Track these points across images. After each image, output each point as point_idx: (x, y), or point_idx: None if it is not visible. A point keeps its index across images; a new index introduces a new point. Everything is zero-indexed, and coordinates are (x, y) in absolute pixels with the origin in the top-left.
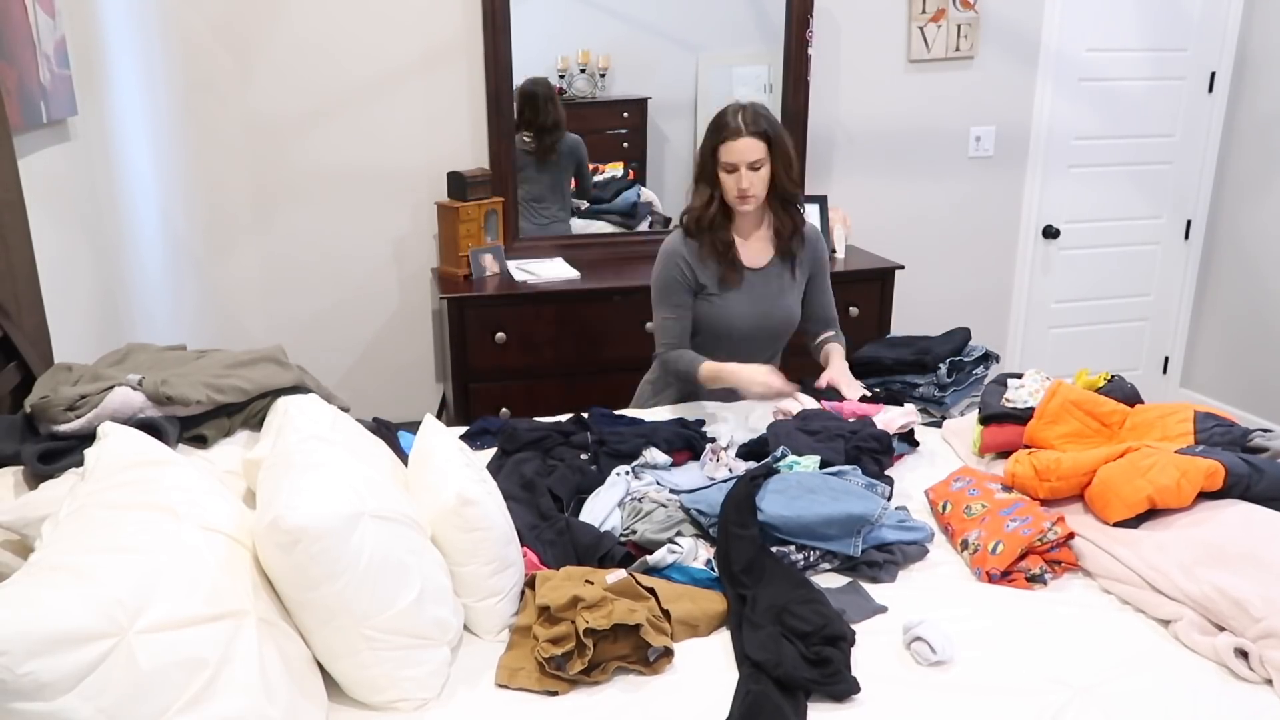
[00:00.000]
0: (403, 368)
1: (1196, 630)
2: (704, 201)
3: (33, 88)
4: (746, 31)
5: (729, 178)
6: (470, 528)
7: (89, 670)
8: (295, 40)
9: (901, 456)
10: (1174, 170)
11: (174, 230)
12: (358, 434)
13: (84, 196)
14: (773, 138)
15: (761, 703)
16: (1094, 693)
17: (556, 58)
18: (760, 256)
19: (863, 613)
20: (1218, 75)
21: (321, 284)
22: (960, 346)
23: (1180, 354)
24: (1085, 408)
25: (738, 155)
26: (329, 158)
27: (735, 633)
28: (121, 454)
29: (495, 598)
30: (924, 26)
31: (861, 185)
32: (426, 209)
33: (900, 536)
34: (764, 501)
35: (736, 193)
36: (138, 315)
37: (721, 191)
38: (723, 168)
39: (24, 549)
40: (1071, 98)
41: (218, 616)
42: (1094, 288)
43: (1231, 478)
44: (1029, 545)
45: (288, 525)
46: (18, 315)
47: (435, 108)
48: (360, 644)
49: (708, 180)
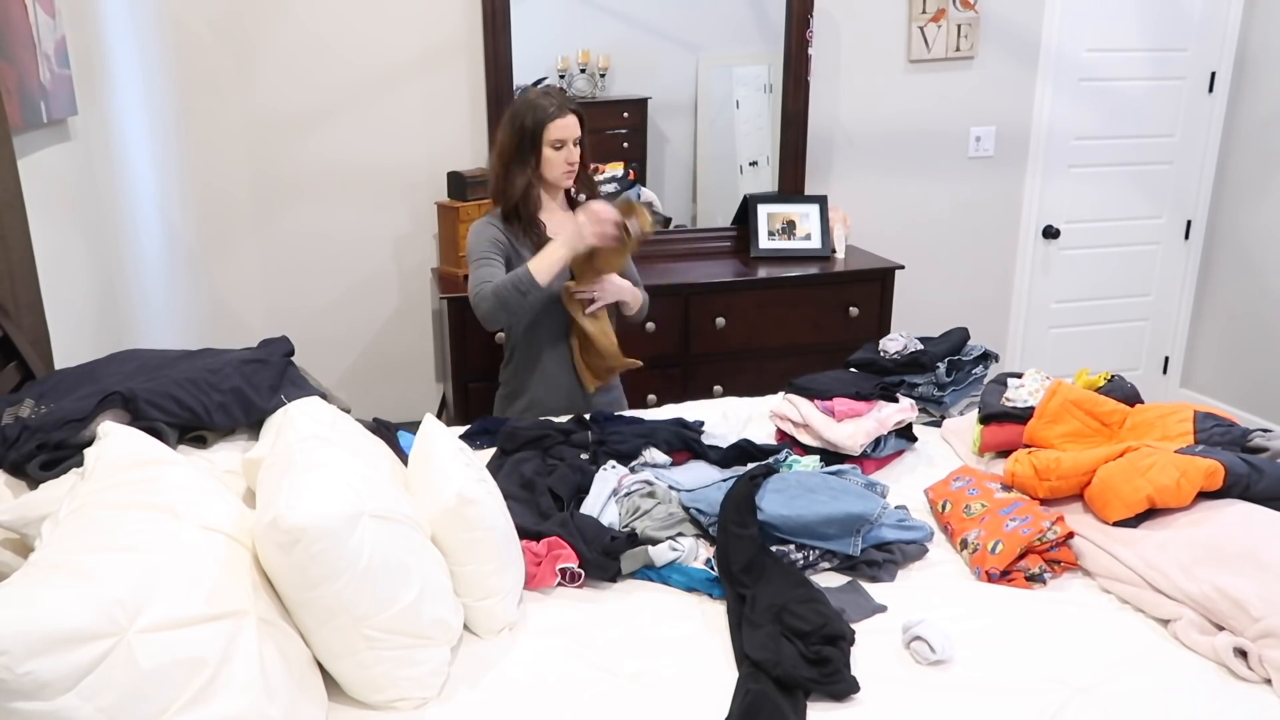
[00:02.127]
0: (403, 368)
1: (1196, 630)
2: (524, 183)
3: (33, 88)
4: (746, 31)
5: (557, 154)
6: (470, 527)
7: (89, 670)
8: (295, 40)
9: (900, 453)
10: (1174, 170)
11: (174, 230)
12: (358, 434)
13: (84, 196)
14: (582, 115)
15: (761, 702)
16: (1093, 692)
17: (556, 58)
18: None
19: (862, 612)
20: (1218, 75)
21: (321, 284)
22: (958, 346)
23: (1180, 354)
24: (1085, 407)
25: (565, 131)
26: (329, 157)
27: (735, 632)
28: (121, 454)
29: (495, 597)
30: (924, 26)
31: (861, 185)
32: (426, 209)
33: (900, 536)
34: (763, 500)
35: (565, 167)
36: (137, 314)
37: (541, 170)
38: (551, 145)
39: (24, 548)
40: (1071, 98)
41: (218, 616)
42: (1094, 288)
43: (1231, 477)
44: (1028, 545)
45: (288, 525)
46: (17, 315)
47: (435, 107)
48: (360, 644)
49: (525, 163)
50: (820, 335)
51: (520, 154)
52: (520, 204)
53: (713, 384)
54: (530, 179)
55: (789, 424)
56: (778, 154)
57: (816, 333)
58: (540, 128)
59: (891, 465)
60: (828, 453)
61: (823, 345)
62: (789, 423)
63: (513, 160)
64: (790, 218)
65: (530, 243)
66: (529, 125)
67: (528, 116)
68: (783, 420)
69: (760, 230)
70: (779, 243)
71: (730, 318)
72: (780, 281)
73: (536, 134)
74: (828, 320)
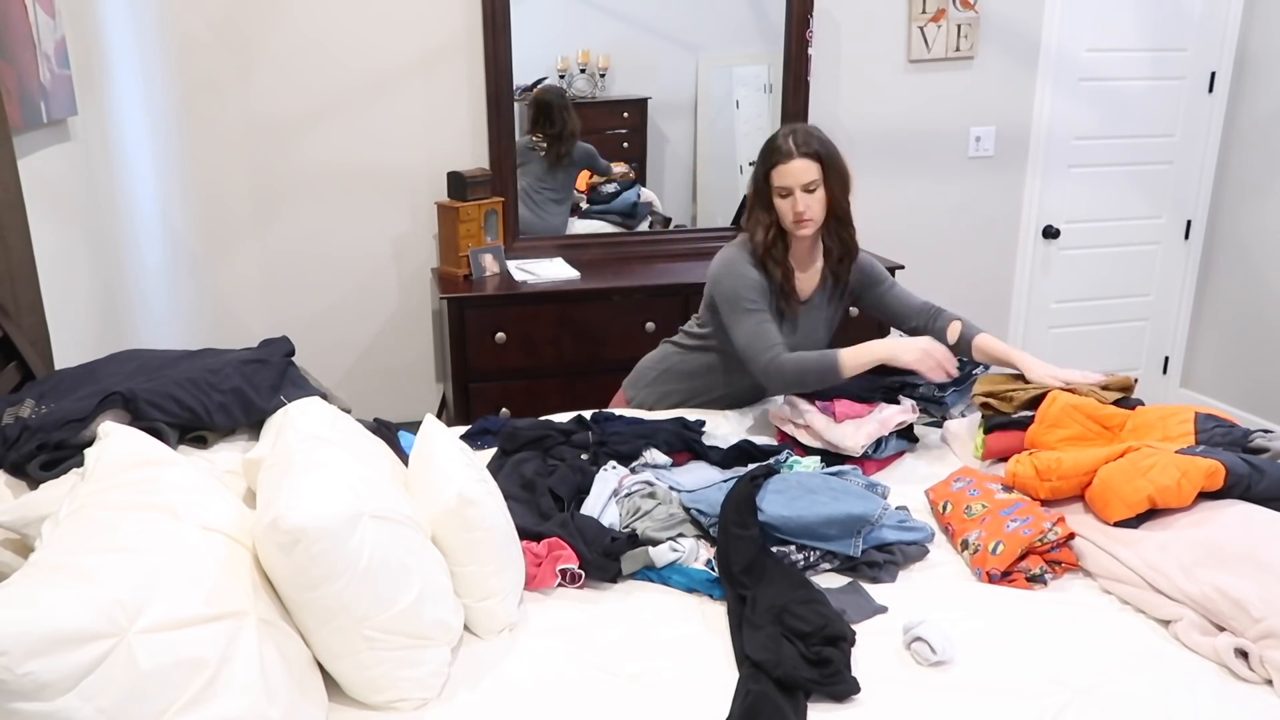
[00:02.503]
0: (403, 368)
1: (1196, 630)
2: (764, 229)
3: (33, 88)
4: (746, 31)
5: (784, 202)
6: (471, 528)
7: (89, 670)
8: (295, 40)
9: (901, 454)
10: (1174, 170)
11: (173, 230)
12: (358, 434)
13: (84, 196)
14: (825, 157)
15: (761, 703)
16: (1094, 693)
17: (556, 58)
18: (808, 286)
19: (863, 613)
20: (1218, 75)
21: (321, 284)
22: None
23: (1180, 354)
24: (1086, 411)
25: (792, 178)
26: (329, 157)
27: (735, 633)
28: (121, 454)
29: (495, 598)
30: (924, 26)
31: (861, 185)
32: (426, 209)
33: (900, 536)
34: (764, 501)
35: (793, 217)
36: (137, 315)
37: (778, 217)
38: (777, 192)
39: (24, 549)
40: (1071, 98)
41: (218, 617)
42: (1094, 288)
43: (1232, 478)
44: (1029, 545)
45: (288, 525)
46: (17, 315)
47: (435, 108)
48: (360, 644)
49: (764, 207)
50: None
51: (758, 198)
52: (765, 250)
53: None
54: (770, 224)
55: (789, 425)
56: None
57: None
58: (766, 172)
59: (892, 466)
60: (828, 453)
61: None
62: (789, 424)
63: (754, 205)
64: None
65: (774, 293)
66: (760, 169)
67: (761, 159)
68: (783, 421)
69: None
70: None
71: None
72: None
73: (765, 178)
74: None
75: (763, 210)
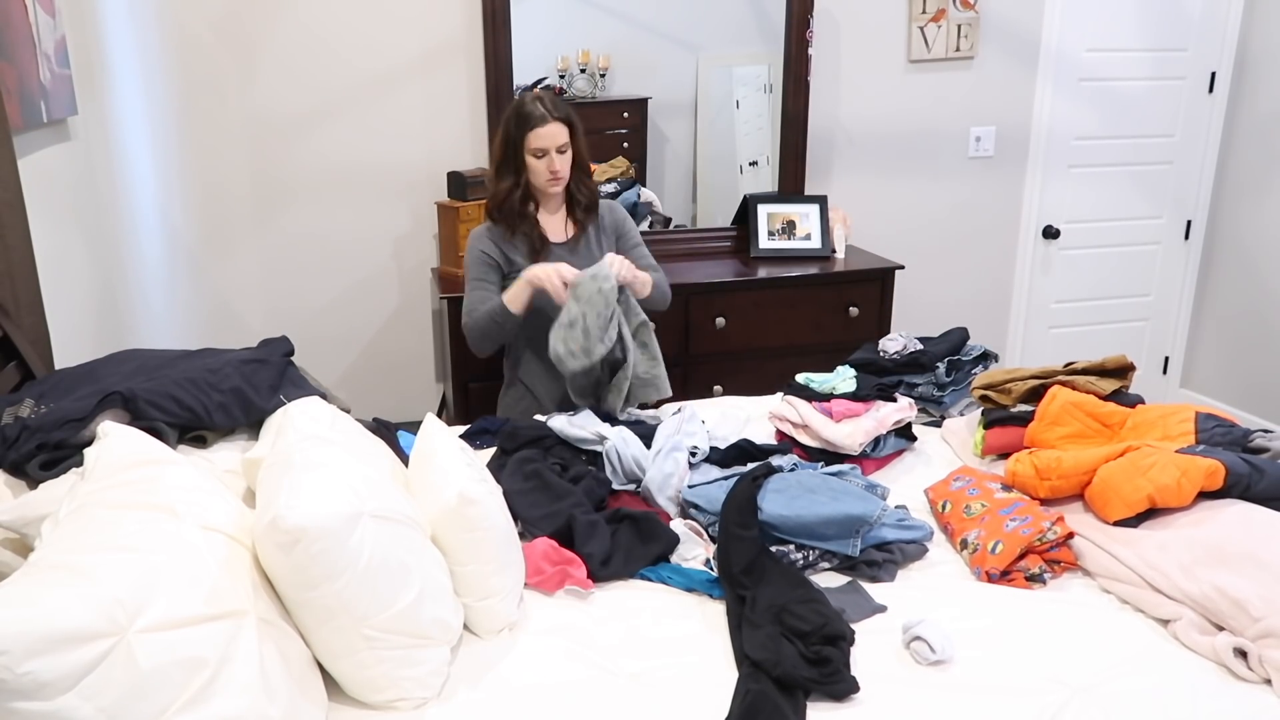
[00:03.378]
0: (403, 367)
1: (1196, 630)
2: (509, 187)
3: (33, 87)
4: (746, 31)
5: (539, 162)
6: (471, 527)
7: (89, 670)
8: (295, 39)
9: (900, 453)
10: (1174, 170)
11: (173, 229)
12: (358, 434)
13: (84, 196)
14: (572, 120)
15: (761, 702)
16: (1093, 692)
17: (556, 58)
18: (562, 233)
19: (862, 612)
20: (1218, 75)
21: (321, 283)
22: (958, 346)
23: (1180, 354)
24: (1086, 409)
25: (549, 140)
26: (329, 157)
27: (735, 632)
28: (121, 454)
29: (496, 597)
30: (924, 26)
31: (861, 185)
32: (426, 209)
33: (900, 535)
34: (764, 501)
35: (548, 175)
36: (137, 314)
37: (527, 176)
38: (532, 153)
39: (24, 548)
40: (1071, 98)
41: (218, 616)
42: (1094, 288)
43: (1232, 477)
44: (1028, 545)
45: (288, 525)
46: (17, 315)
47: (435, 107)
48: (360, 644)
49: (511, 168)
50: (820, 335)
51: (506, 160)
52: (506, 209)
53: (713, 384)
54: (514, 185)
55: (788, 424)
56: (778, 154)
57: (816, 333)
58: (522, 135)
59: (891, 465)
60: (827, 453)
61: (823, 345)
62: (788, 423)
63: (500, 166)
64: (790, 218)
65: (524, 247)
66: (512, 133)
67: (512, 123)
68: (782, 421)
69: (760, 230)
70: (779, 243)
71: (730, 318)
72: (780, 281)
73: (519, 142)
74: (828, 320)
75: (509, 171)
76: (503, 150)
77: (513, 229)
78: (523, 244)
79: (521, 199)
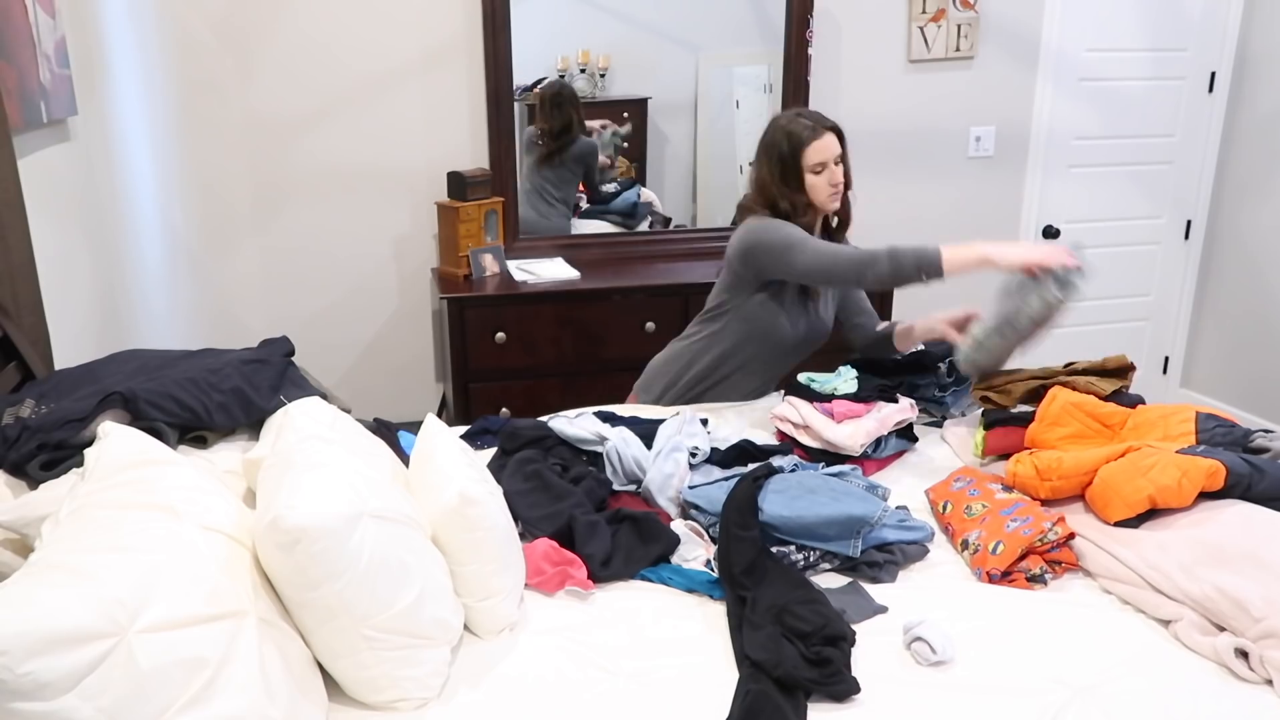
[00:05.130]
0: (403, 368)
1: (1197, 630)
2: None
3: (33, 88)
4: (746, 31)
5: (819, 178)
6: (472, 527)
7: (89, 670)
8: (295, 39)
9: (901, 454)
10: (1174, 170)
11: (173, 230)
12: (358, 434)
13: (84, 196)
14: (841, 130)
15: (761, 703)
16: (1094, 693)
17: (556, 58)
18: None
19: (863, 613)
20: (1218, 75)
21: (321, 284)
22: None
23: (1180, 354)
24: (1086, 409)
25: (826, 153)
26: (329, 157)
27: (735, 633)
28: (121, 454)
29: (496, 598)
30: (924, 26)
31: (861, 185)
32: (426, 209)
33: (900, 536)
34: (764, 501)
35: (830, 190)
36: (137, 314)
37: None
38: (811, 170)
39: (24, 549)
40: (1071, 98)
41: (218, 616)
42: (1094, 288)
43: (1232, 477)
44: (1029, 545)
45: (288, 525)
46: (17, 315)
47: (435, 107)
48: (360, 644)
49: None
50: None
51: (786, 183)
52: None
53: None
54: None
55: (789, 425)
56: None
57: None
58: (798, 152)
59: (892, 466)
60: (828, 454)
61: (823, 345)
62: (789, 424)
63: (778, 192)
64: None
65: None
66: (786, 152)
67: (784, 143)
68: (782, 422)
69: None
70: None
71: None
72: None
73: (796, 159)
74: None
75: (795, 192)
76: (779, 174)
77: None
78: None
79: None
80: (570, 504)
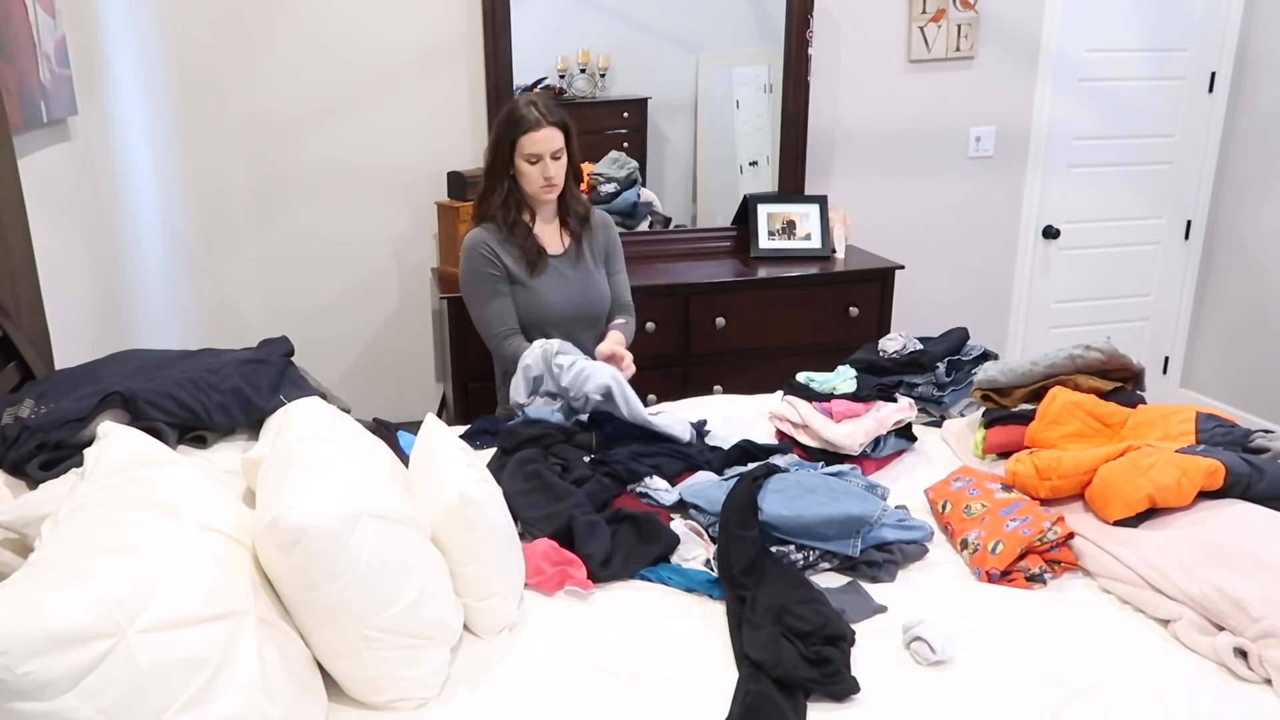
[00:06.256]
0: (403, 367)
1: (1196, 630)
2: (501, 195)
3: (33, 87)
4: (746, 31)
5: (533, 169)
6: (472, 527)
7: (88, 670)
8: (295, 39)
9: (900, 453)
10: (1174, 170)
11: (173, 229)
12: (358, 434)
13: (84, 196)
14: (568, 126)
15: (761, 702)
16: (1094, 692)
17: (556, 58)
18: (557, 244)
19: (862, 612)
20: (1218, 75)
21: (321, 283)
22: (958, 346)
23: (1180, 354)
24: (1087, 408)
25: (542, 145)
26: (329, 157)
27: (735, 633)
28: (121, 454)
29: (496, 598)
30: (924, 26)
31: (861, 185)
32: (426, 208)
33: (900, 536)
34: (764, 501)
35: (542, 182)
36: (137, 314)
37: (518, 182)
38: (526, 159)
39: (24, 549)
40: (1071, 98)
41: (217, 616)
42: (1094, 288)
43: (1232, 477)
44: (1029, 545)
45: (288, 525)
46: (17, 315)
47: (435, 107)
48: (360, 644)
49: (501, 174)
50: (820, 335)
51: (496, 164)
52: (500, 215)
53: (713, 384)
54: (508, 191)
55: (788, 425)
56: (778, 154)
57: (816, 333)
58: (514, 140)
59: (891, 465)
60: (827, 453)
61: (823, 345)
62: (788, 424)
63: (492, 170)
64: (790, 218)
65: (517, 251)
66: (504, 137)
67: (504, 127)
68: (782, 421)
69: (760, 230)
70: (779, 243)
71: (730, 317)
72: (780, 281)
73: (510, 147)
74: (828, 320)
75: (499, 177)
76: (494, 155)
77: (509, 236)
78: (519, 254)
79: (516, 207)
80: (570, 504)
